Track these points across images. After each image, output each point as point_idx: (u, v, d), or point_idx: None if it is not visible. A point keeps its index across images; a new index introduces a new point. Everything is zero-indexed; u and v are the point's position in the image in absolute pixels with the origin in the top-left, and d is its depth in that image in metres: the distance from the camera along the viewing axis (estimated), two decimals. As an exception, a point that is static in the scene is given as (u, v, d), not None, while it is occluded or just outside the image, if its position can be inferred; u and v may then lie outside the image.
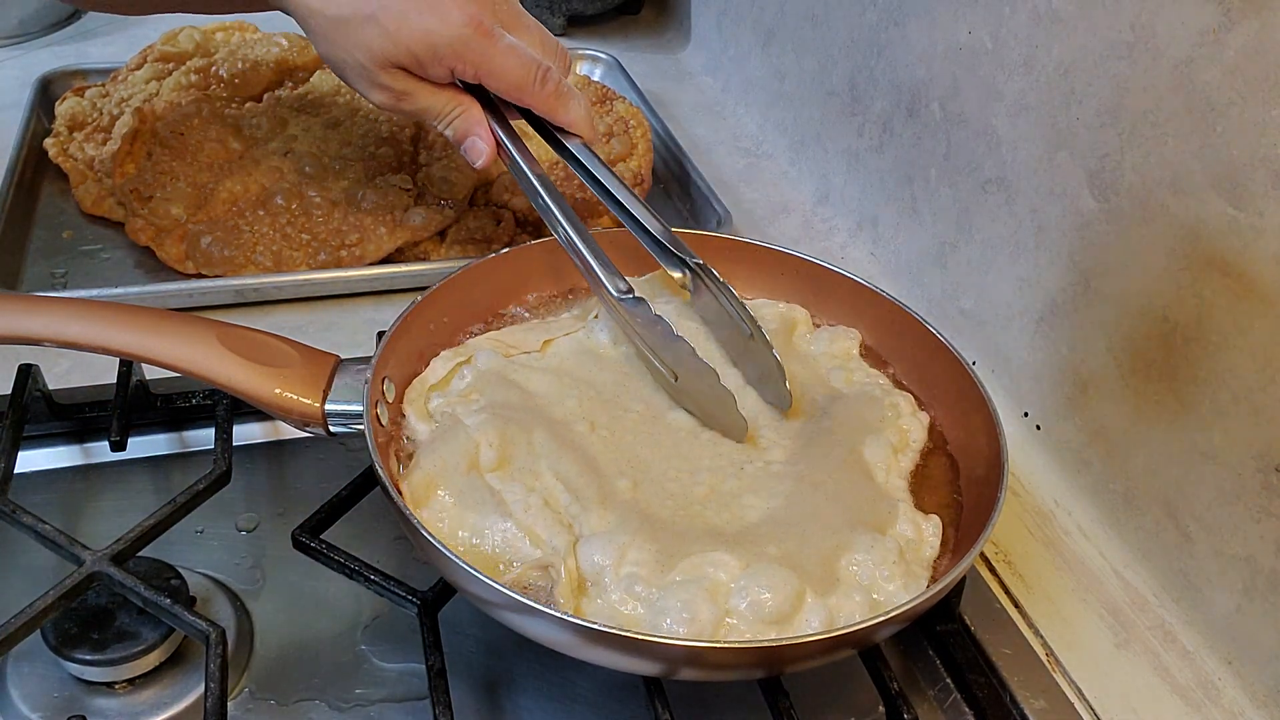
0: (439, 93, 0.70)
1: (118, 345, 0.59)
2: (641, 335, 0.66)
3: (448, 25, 0.66)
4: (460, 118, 0.71)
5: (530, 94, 0.70)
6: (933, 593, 0.54)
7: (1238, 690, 0.64)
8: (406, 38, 0.66)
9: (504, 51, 0.68)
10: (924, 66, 0.89)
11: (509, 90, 0.70)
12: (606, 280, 0.67)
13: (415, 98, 0.70)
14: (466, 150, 0.72)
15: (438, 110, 0.71)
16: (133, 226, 0.89)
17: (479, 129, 0.71)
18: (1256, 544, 0.62)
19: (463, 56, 0.67)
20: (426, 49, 0.66)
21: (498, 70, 0.69)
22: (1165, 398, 0.67)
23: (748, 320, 0.68)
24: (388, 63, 0.67)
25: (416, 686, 0.60)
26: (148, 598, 0.57)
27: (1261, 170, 0.59)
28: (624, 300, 0.66)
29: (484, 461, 0.60)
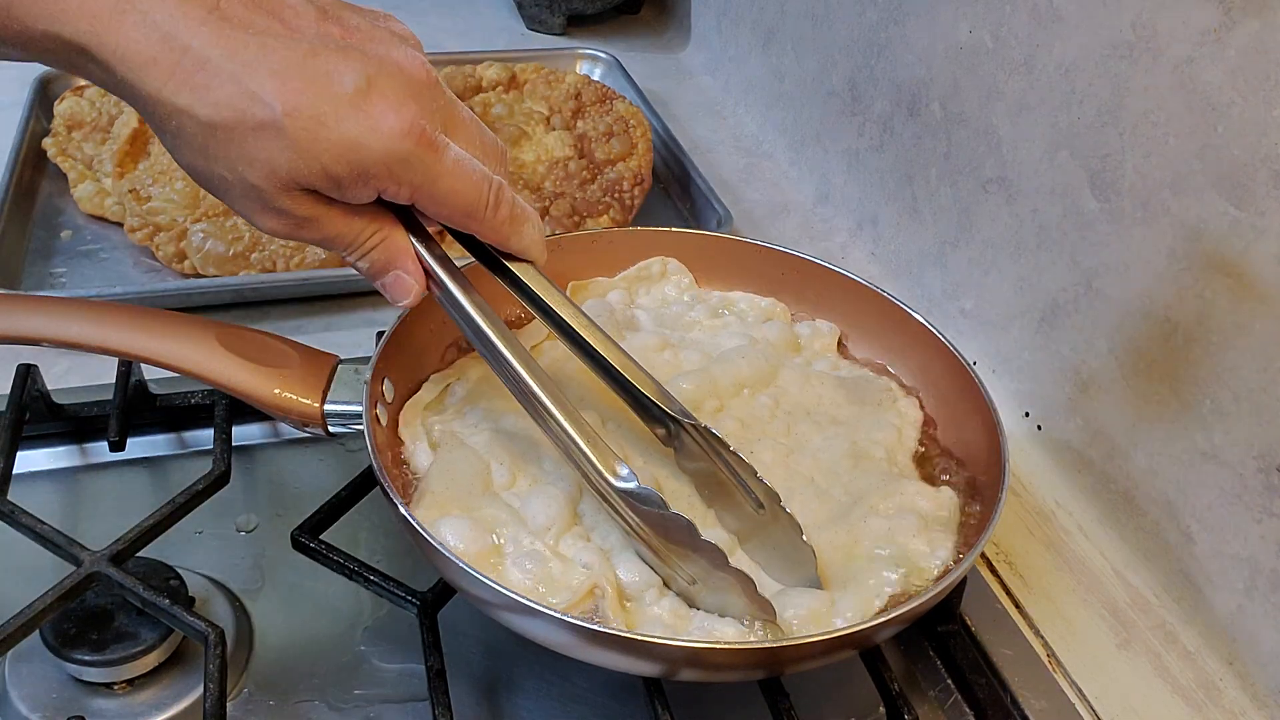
0: (353, 217, 0.52)
1: (117, 345, 0.59)
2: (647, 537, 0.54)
3: (380, 136, 0.47)
4: (380, 247, 0.53)
5: (480, 221, 0.54)
6: (933, 593, 0.54)
7: (1239, 690, 0.64)
8: (323, 154, 0.47)
9: (450, 171, 0.51)
10: (924, 66, 0.89)
11: (454, 217, 0.53)
12: (599, 462, 0.54)
13: (321, 225, 0.51)
14: (386, 287, 0.55)
15: (350, 239, 0.52)
16: (132, 226, 0.89)
17: (404, 260, 0.54)
18: (1257, 544, 0.62)
19: (399, 178, 0.49)
20: (350, 169, 0.48)
21: (442, 195, 0.51)
22: (1166, 398, 0.67)
23: (762, 492, 0.57)
24: (292, 185, 0.48)
25: (416, 687, 0.59)
26: (147, 598, 0.57)
27: (1262, 170, 0.59)
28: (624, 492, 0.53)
29: (498, 481, 0.60)
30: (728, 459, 0.58)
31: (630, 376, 0.59)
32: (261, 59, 0.46)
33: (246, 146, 0.47)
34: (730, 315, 0.75)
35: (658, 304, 0.76)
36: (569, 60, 1.23)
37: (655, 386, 0.59)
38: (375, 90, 0.47)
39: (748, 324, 0.74)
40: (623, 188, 0.98)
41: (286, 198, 0.49)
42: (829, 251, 1.00)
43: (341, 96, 0.47)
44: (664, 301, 0.76)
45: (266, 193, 0.48)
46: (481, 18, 1.41)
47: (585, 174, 1.00)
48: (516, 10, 1.40)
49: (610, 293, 0.75)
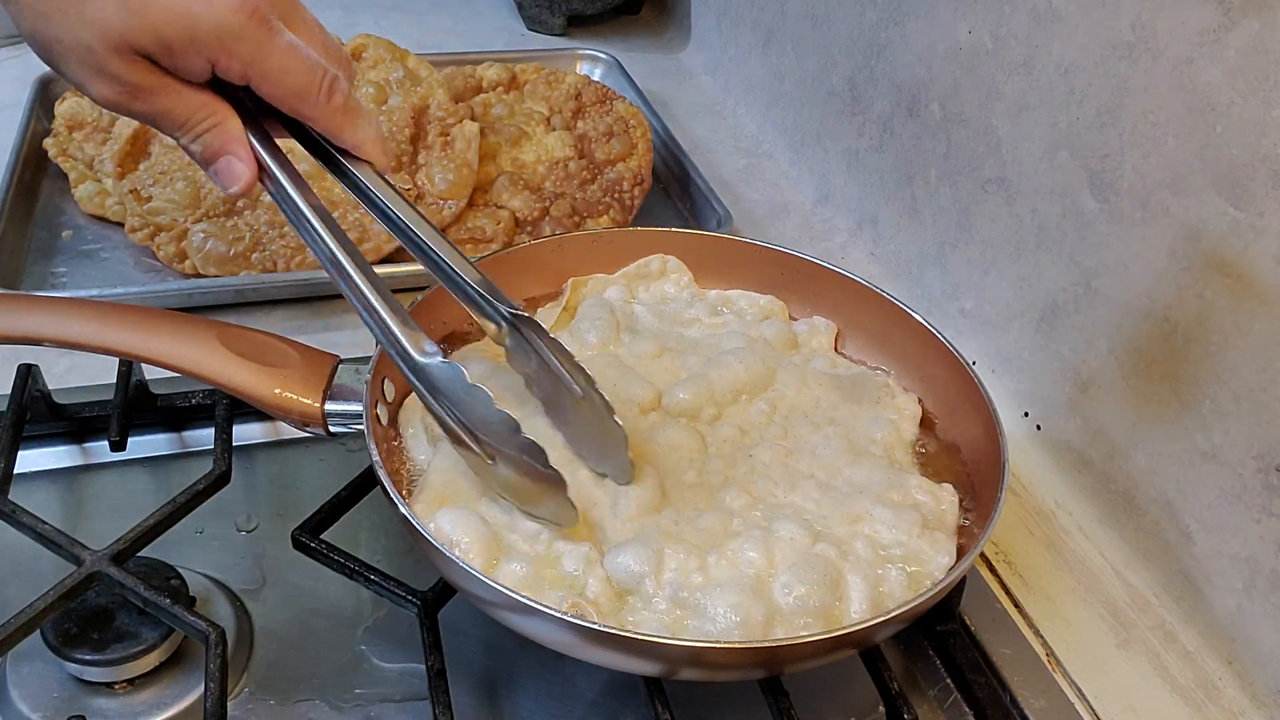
0: (187, 94, 0.53)
1: (118, 345, 0.59)
2: (450, 410, 0.56)
3: (214, 7, 0.50)
4: (213, 131, 0.54)
5: (312, 105, 0.55)
6: (933, 593, 0.54)
7: (1238, 690, 0.64)
8: (155, 16, 0.49)
9: (284, 50, 0.53)
10: (924, 66, 0.89)
11: (286, 98, 0.54)
12: (406, 339, 0.56)
13: (154, 97, 0.52)
14: (218, 173, 0.56)
15: (183, 117, 0.54)
16: (132, 226, 0.89)
17: (235, 146, 0.55)
18: (1257, 544, 0.62)
19: (230, 49, 0.51)
20: (182, 34, 0.50)
21: (274, 72, 0.53)
22: (1166, 398, 0.67)
23: (580, 379, 0.59)
24: (125, 46, 0.50)
25: (416, 686, 0.59)
26: (148, 598, 0.57)
27: (1262, 170, 0.59)
28: (429, 365, 0.55)
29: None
30: (548, 347, 0.60)
31: (463, 274, 0.60)
32: None
33: (82, 6, 0.49)
34: (729, 313, 0.75)
35: (656, 301, 0.76)
36: (569, 60, 1.23)
37: (486, 283, 0.61)
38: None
39: (746, 322, 0.74)
40: (623, 188, 0.99)
41: (120, 60, 0.51)
42: (829, 251, 1.00)
43: None
44: (663, 299, 0.76)
45: (100, 54, 0.50)
46: (481, 18, 1.41)
47: (585, 174, 1.00)
48: (516, 10, 1.40)
49: (609, 289, 0.75)
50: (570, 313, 0.74)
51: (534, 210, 0.95)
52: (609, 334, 0.71)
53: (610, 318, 0.71)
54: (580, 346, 0.70)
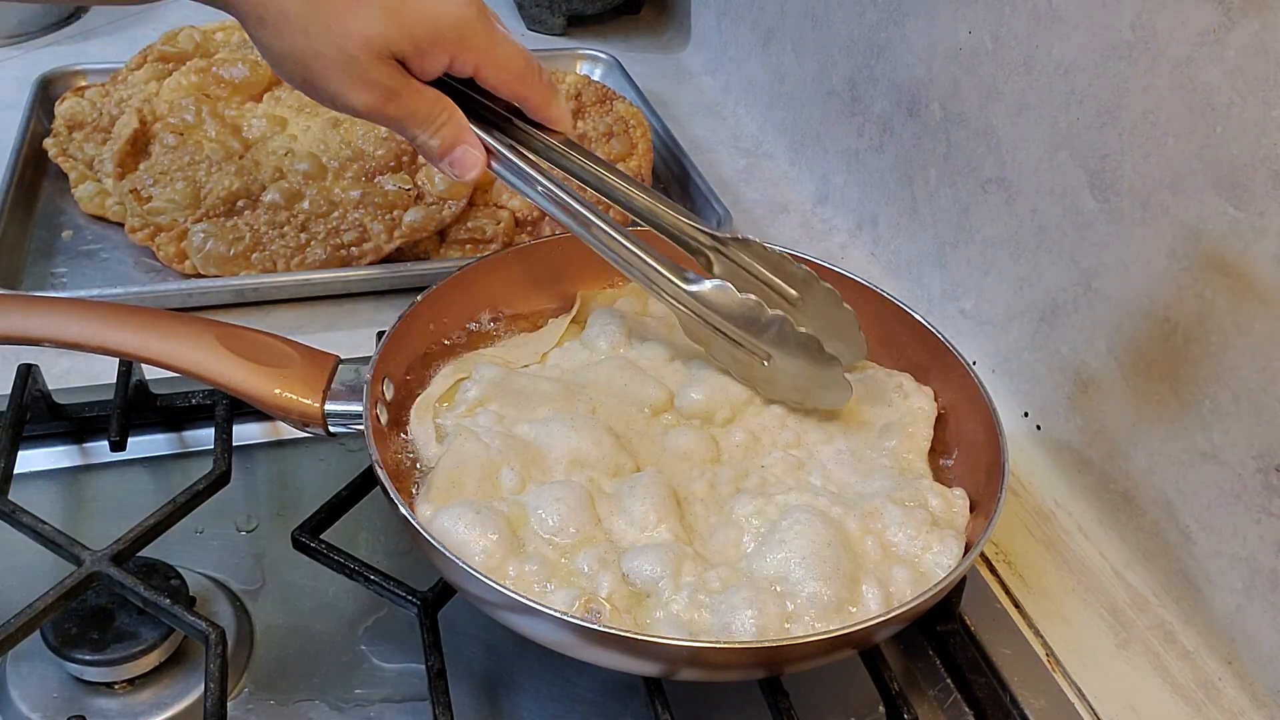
0: (426, 93, 0.60)
1: (117, 345, 0.59)
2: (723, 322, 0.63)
3: (451, 6, 0.58)
4: (449, 124, 0.61)
5: (530, 86, 0.62)
6: (933, 593, 0.54)
7: (1238, 690, 0.64)
8: (409, 19, 0.57)
9: (505, 38, 0.61)
10: (924, 66, 0.89)
11: (510, 82, 0.62)
12: (671, 274, 0.63)
13: (404, 98, 0.59)
14: (456, 161, 0.62)
15: (425, 114, 0.60)
16: (132, 226, 0.89)
17: (467, 134, 0.62)
18: (1257, 544, 0.62)
19: (467, 43, 0.59)
20: (431, 32, 0.57)
21: (500, 59, 0.60)
22: (1166, 398, 0.67)
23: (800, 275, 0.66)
24: (385, 52, 0.57)
25: (416, 686, 0.59)
26: (147, 598, 0.57)
27: (1262, 170, 0.59)
28: (699, 289, 0.63)
29: (506, 485, 0.60)
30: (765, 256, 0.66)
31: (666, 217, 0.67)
32: None
33: (345, 18, 0.56)
34: None
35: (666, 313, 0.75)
36: (569, 60, 1.23)
37: (688, 218, 0.67)
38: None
39: None
40: (623, 188, 0.98)
41: (379, 66, 0.57)
42: (829, 251, 1.00)
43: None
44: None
45: (363, 62, 0.57)
46: (482, 18, 1.41)
47: (585, 174, 1.00)
48: (516, 10, 1.40)
49: (619, 300, 0.75)
50: (580, 324, 0.74)
51: (534, 210, 0.95)
52: (619, 339, 0.71)
53: (621, 324, 0.72)
54: (591, 352, 0.70)
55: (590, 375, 0.68)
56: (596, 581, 0.55)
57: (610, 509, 0.59)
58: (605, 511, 0.59)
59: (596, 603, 0.54)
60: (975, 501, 0.63)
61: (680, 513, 0.59)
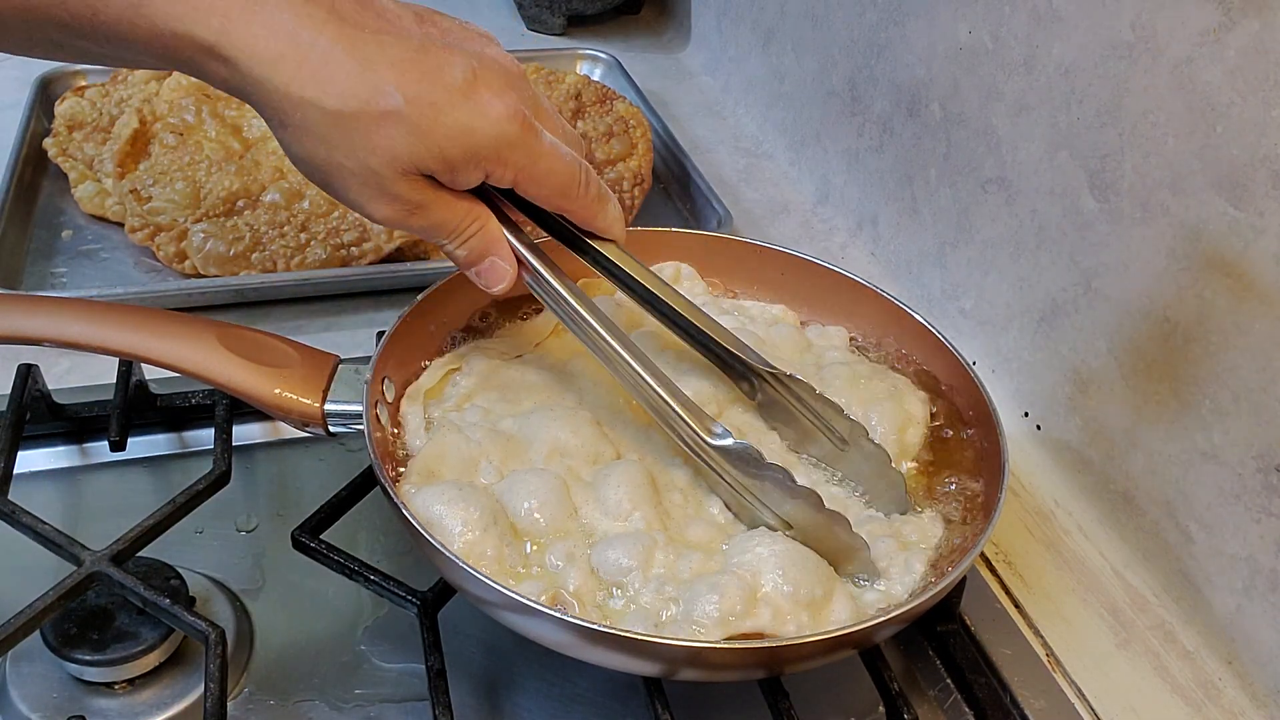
0: (456, 203, 0.56)
1: (117, 345, 0.59)
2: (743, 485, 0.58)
3: (488, 121, 0.52)
4: (478, 235, 0.57)
5: (573, 199, 0.58)
6: (933, 593, 0.54)
7: (1238, 690, 0.64)
8: (440, 138, 0.51)
9: (549, 152, 0.55)
10: (924, 66, 0.89)
11: (551, 197, 0.57)
12: (696, 424, 0.57)
13: (429, 211, 0.55)
14: (482, 273, 0.58)
15: (452, 226, 0.56)
16: (132, 226, 0.89)
17: (498, 247, 0.58)
18: (1257, 544, 0.62)
19: (505, 159, 0.54)
20: (464, 151, 0.52)
21: (542, 174, 0.55)
22: (1166, 398, 0.67)
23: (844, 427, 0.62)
24: (412, 168, 0.52)
25: (416, 686, 0.59)
26: (147, 598, 0.57)
27: (1262, 170, 0.59)
28: (723, 444, 0.57)
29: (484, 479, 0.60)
30: (811, 402, 0.62)
31: (715, 335, 0.63)
32: (380, 54, 0.50)
33: (370, 134, 0.51)
34: (742, 317, 0.74)
35: None
36: (569, 60, 1.23)
37: (738, 342, 0.63)
38: (480, 81, 0.52)
39: (756, 324, 0.74)
40: (623, 188, 0.98)
41: (403, 182, 0.53)
42: (829, 251, 1.00)
43: (453, 86, 0.51)
44: None
45: (386, 178, 0.52)
46: (481, 18, 1.41)
47: (585, 174, 1.00)
48: (516, 10, 1.40)
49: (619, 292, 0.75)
50: None
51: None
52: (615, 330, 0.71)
53: (619, 314, 0.71)
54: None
55: (581, 364, 0.67)
56: (565, 576, 0.55)
57: (586, 497, 0.59)
58: (581, 499, 0.59)
59: (563, 600, 0.54)
60: (975, 502, 0.63)
61: (657, 499, 0.59)
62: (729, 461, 0.57)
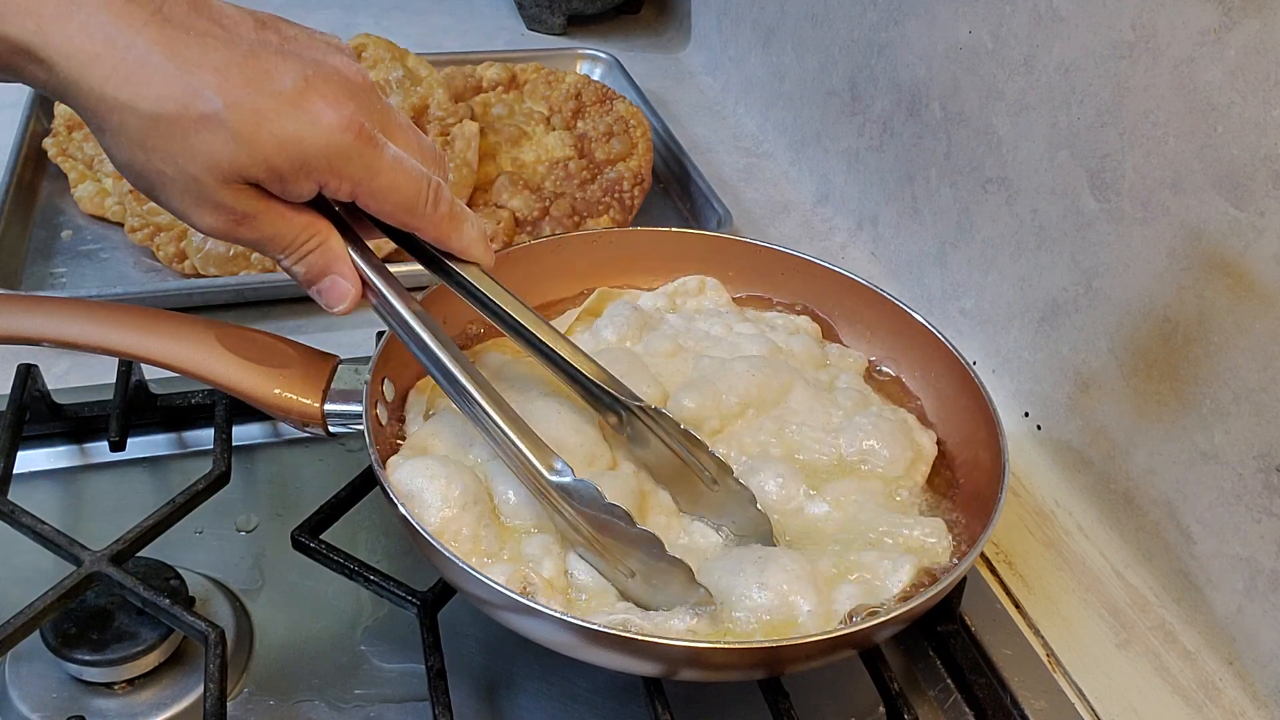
0: (290, 216, 0.52)
1: (117, 345, 0.59)
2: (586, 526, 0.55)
3: (319, 130, 0.49)
4: (317, 251, 0.54)
5: (420, 217, 0.55)
6: (933, 593, 0.54)
7: (1238, 690, 0.64)
8: (264, 145, 0.48)
9: (391, 165, 0.52)
10: (924, 66, 0.89)
11: (395, 213, 0.54)
12: (536, 459, 0.55)
13: (260, 222, 0.52)
14: (322, 292, 0.55)
15: (287, 240, 0.53)
16: (132, 226, 0.89)
17: (339, 265, 0.55)
18: (1257, 544, 0.62)
19: (339, 171, 0.51)
20: (293, 160, 0.49)
21: (382, 190, 0.52)
22: (1166, 398, 0.67)
23: (712, 467, 0.60)
24: (235, 177, 0.49)
25: (416, 686, 0.59)
26: (147, 598, 0.57)
27: (1262, 170, 0.59)
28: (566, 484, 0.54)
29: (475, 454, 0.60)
30: (678, 438, 0.60)
31: (581, 368, 0.60)
32: (202, 57, 0.48)
33: (189, 139, 0.48)
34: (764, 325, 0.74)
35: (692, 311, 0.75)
36: (569, 60, 1.23)
37: (606, 375, 0.60)
38: (312, 89, 0.49)
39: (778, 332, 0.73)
40: (623, 188, 0.98)
41: (227, 191, 0.50)
42: (829, 251, 1.00)
43: (281, 94, 0.48)
44: (698, 309, 0.75)
45: (207, 185, 0.49)
46: (481, 18, 1.41)
47: (585, 174, 1.00)
48: (516, 10, 1.40)
49: (643, 297, 0.75)
50: (593, 314, 0.74)
51: (534, 210, 0.95)
52: (628, 332, 0.70)
53: (635, 317, 0.71)
54: (596, 343, 0.70)
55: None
56: (539, 567, 0.55)
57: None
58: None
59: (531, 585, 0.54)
60: (975, 502, 0.63)
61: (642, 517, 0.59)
62: (567, 500, 0.54)
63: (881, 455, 0.64)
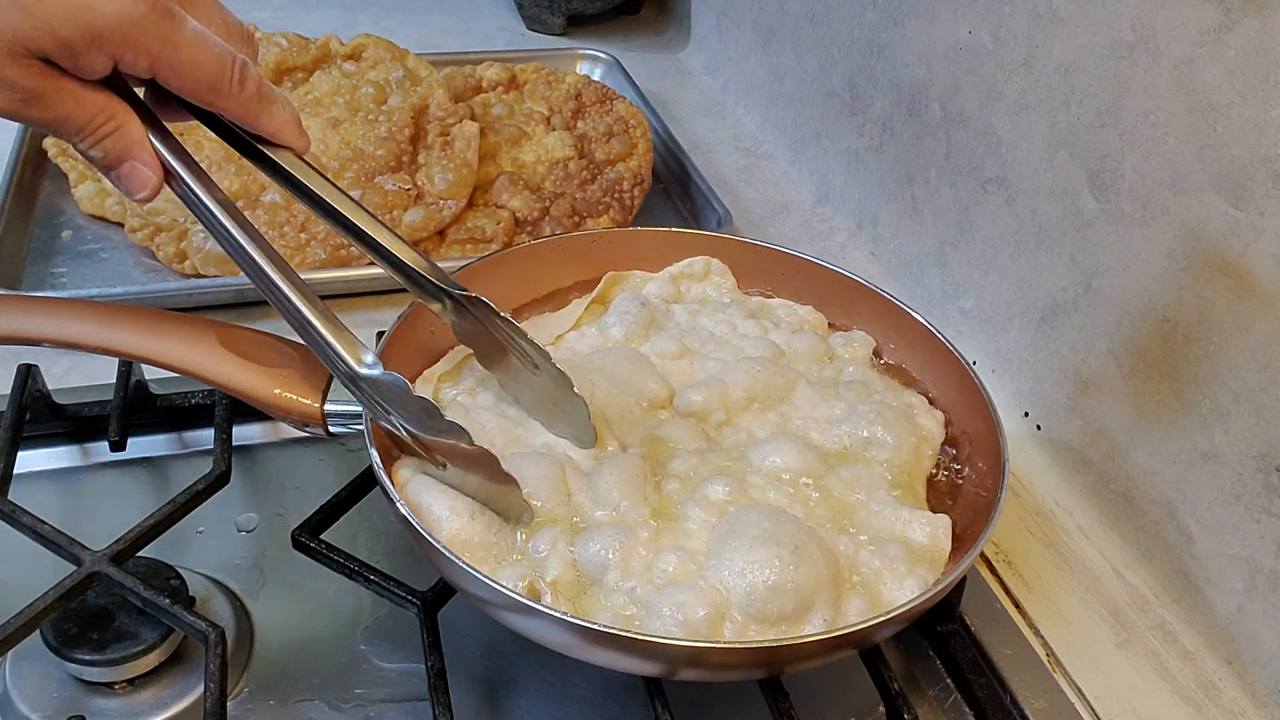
0: (84, 96, 0.50)
1: (117, 345, 0.59)
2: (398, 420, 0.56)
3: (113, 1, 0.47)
4: (114, 135, 0.51)
5: (225, 96, 0.53)
6: (933, 593, 0.54)
7: (1238, 690, 0.64)
8: (53, 15, 0.47)
9: (191, 40, 0.50)
10: (924, 66, 0.89)
11: (197, 91, 0.52)
12: (343, 349, 0.55)
13: (51, 102, 0.49)
14: (123, 178, 0.53)
15: (81, 122, 0.50)
16: (132, 227, 0.89)
17: (138, 150, 0.52)
18: (1257, 544, 0.62)
19: (135, 44, 0.48)
20: (83, 31, 0.47)
21: (183, 64, 0.50)
22: (1166, 398, 0.67)
23: (534, 355, 0.61)
24: (20, 49, 0.47)
25: (416, 686, 0.59)
26: (147, 598, 0.57)
27: (1262, 170, 0.59)
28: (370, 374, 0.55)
29: None
30: (501, 325, 0.61)
31: (403, 256, 0.60)
32: None
33: None
34: (766, 321, 0.74)
35: (695, 302, 0.75)
36: (569, 60, 1.24)
37: (426, 264, 0.60)
38: None
39: (780, 331, 0.73)
40: (623, 188, 0.99)
41: (14, 65, 0.47)
42: (829, 251, 1.00)
43: None
44: (703, 300, 0.75)
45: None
46: (481, 18, 1.41)
47: (585, 174, 1.00)
48: (516, 10, 1.40)
49: (649, 284, 0.75)
50: (603, 304, 0.74)
51: (534, 210, 0.95)
52: (635, 330, 0.71)
53: (642, 314, 0.71)
54: (604, 339, 0.71)
55: (598, 360, 0.68)
56: (546, 564, 0.55)
57: (580, 485, 0.59)
58: (576, 487, 0.59)
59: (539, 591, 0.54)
60: (975, 501, 0.63)
61: (647, 491, 0.59)
62: (376, 392, 0.55)
63: (885, 443, 0.64)
